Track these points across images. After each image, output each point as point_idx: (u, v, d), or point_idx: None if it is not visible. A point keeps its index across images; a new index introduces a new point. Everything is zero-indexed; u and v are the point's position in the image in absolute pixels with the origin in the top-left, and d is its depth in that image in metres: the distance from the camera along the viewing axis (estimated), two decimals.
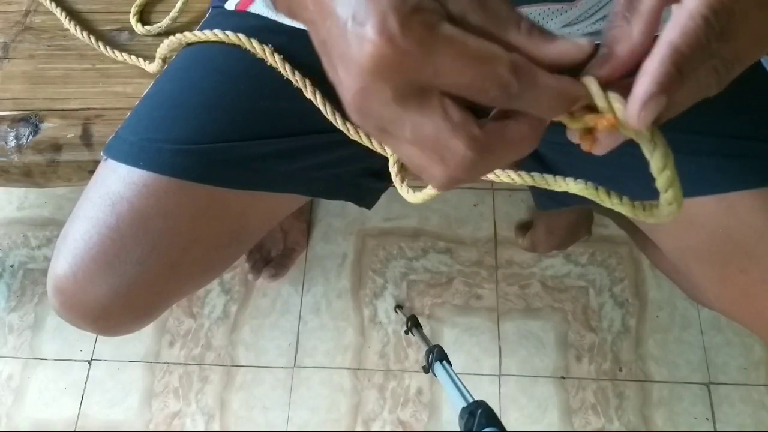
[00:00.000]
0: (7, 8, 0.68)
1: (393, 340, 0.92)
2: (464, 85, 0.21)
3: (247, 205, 0.46)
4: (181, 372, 0.91)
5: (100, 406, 0.90)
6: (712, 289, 0.44)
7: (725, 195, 0.40)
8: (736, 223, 0.40)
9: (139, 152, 0.44)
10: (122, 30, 0.65)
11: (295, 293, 0.96)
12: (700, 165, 0.41)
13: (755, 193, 0.40)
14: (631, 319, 0.91)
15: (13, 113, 0.60)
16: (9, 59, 0.64)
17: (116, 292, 0.43)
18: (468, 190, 1.02)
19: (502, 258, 0.96)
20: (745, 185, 0.40)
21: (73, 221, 0.44)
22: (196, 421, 0.88)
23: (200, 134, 0.44)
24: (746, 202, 0.40)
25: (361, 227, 1.00)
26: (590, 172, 0.48)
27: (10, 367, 0.92)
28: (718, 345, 0.89)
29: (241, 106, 0.45)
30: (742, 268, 0.41)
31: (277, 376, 0.90)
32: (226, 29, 0.47)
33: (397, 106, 0.21)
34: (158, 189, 0.43)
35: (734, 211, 0.40)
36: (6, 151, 0.58)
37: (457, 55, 0.20)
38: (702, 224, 0.42)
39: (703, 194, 0.41)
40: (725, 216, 0.41)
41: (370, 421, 0.87)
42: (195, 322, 0.95)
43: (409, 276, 0.96)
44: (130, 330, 0.49)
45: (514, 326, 0.92)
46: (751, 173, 0.40)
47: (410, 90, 0.21)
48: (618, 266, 0.95)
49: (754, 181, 0.40)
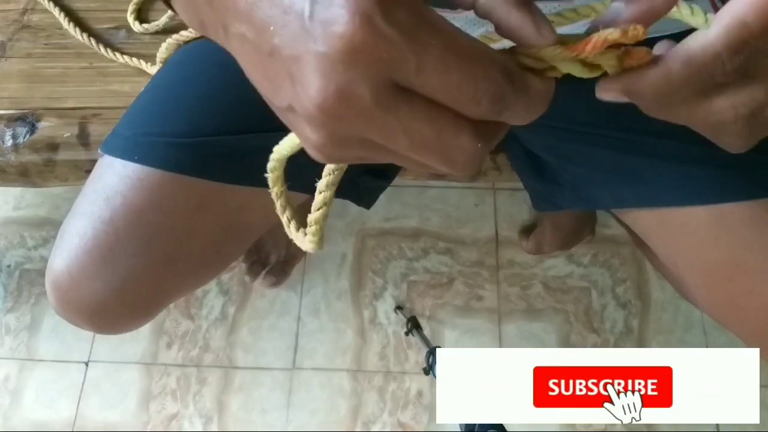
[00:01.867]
0: (4, 6, 0.67)
1: (393, 341, 0.91)
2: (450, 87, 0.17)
3: (244, 200, 0.46)
4: (178, 374, 0.91)
5: (97, 408, 0.89)
6: (701, 296, 0.45)
7: (715, 206, 0.41)
8: (726, 233, 0.41)
9: (133, 146, 0.44)
10: (119, 28, 0.65)
11: (294, 294, 0.95)
12: (691, 174, 0.42)
13: (745, 205, 0.40)
14: (633, 320, 0.91)
15: (10, 112, 0.59)
16: (6, 58, 0.63)
17: (111, 287, 0.43)
18: (469, 190, 1.01)
19: (504, 258, 0.96)
20: (734, 197, 0.41)
21: (70, 218, 0.44)
22: (194, 423, 0.88)
23: (194, 128, 0.44)
24: (736, 214, 0.40)
25: (361, 227, 0.99)
26: (584, 175, 0.48)
27: (7, 369, 0.92)
28: (721, 346, 0.89)
29: (237, 100, 0.44)
30: (729, 277, 0.41)
31: (276, 377, 0.90)
32: None
33: (380, 110, 0.17)
34: (152, 182, 0.43)
35: (724, 222, 0.41)
36: (2, 151, 0.57)
37: (446, 48, 0.17)
38: (691, 232, 0.42)
39: (693, 204, 0.41)
40: (715, 226, 0.41)
41: (369, 424, 0.86)
42: (193, 324, 0.94)
43: (409, 277, 0.95)
44: (128, 328, 0.48)
45: (516, 327, 0.91)
46: (741, 185, 0.41)
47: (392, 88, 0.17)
48: (621, 267, 0.94)
49: (744, 193, 0.41)
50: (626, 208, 0.47)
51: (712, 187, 0.41)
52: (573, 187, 0.49)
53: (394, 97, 0.17)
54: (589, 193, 0.48)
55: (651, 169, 0.43)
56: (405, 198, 1.01)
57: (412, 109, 0.18)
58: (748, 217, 0.40)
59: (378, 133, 0.18)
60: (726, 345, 0.89)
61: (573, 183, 0.49)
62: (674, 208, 0.42)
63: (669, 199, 0.43)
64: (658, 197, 0.43)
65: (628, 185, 0.45)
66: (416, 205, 1.00)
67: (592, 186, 0.48)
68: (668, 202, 0.43)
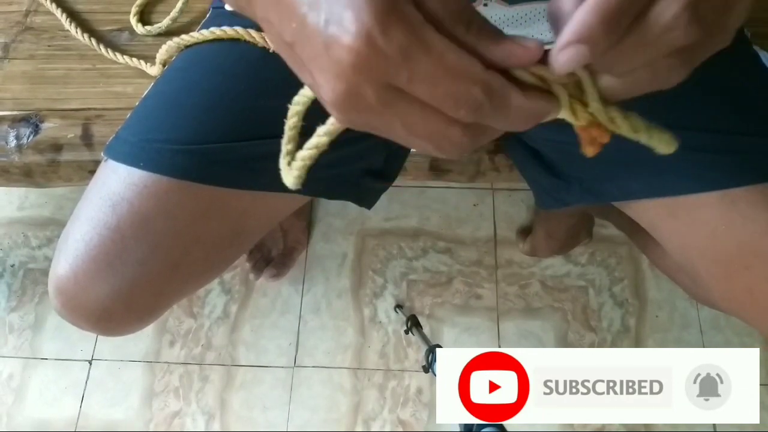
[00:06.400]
0: (7, 8, 0.68)
1: (393, 339, 0.92)
2: (436, 97, 0.21)
3: (247, 205, 0.46)
4: (181, 371, 0.91)
5: (100, 406, 0.90)
6: (717, 287, 0.44)
7: (727, 191, 0.40)
8: (739, 219, 0.40)
9: (139, 153, 0.44)
10: (122, 30, 0.65)
11: (295, 293, 0.96)
12: (700, 161, 0.41)
13: (757, 189, 0.39)
14: (630, 319, 0.91)
15: (14, 113, 0.60)
16: (9, 59, 0.64)
17: (117, 293, 0.43)
18: (468, 191, 1.02)
19: (502, 258, 0.96)
20: (746, 181, 0.40)
21: (74, 222, 0.44)
22: (197, 421, 0.88)
23: (200, 134, 0.44)
24: (748, 198, 0.40)
25: (361, 227, 1.00)
26: (588, 171, 0.48)
27: (11, 367, 0.92)
28: (718, 345, 0.89)
29: (241, 106, 0.45)
30: (746, 264, 0.40)
31: (278, 375, 0.90)
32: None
33: (382, 107, 0.21)
34: (158, 189, 0.43)
35: (736, 207, 0.40)
36: (6, 151, 0.58)
37: (434, 64, 0.20)
38: (704, 221, 0.41)
39: (704, 191, 0.41)
40: (728, 212, 0.40)
41: (370, 421, 0.87)
42: (195, 322, 0.95)
43: (409, 276, 0.96)
44: (132, 330, 0.49)
45: (514, 326, 0.92)
46: (751, 169, 0.40)
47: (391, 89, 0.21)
48: (618, 266, 0.95)
49: (755, 176, 0.40)
50: (635, 200, 0.45)
51: (722, 173, 0.40)
52: (580, 181, 0.49)
53: (393, 96, 0.21)
54: (597, 186, 0.48)
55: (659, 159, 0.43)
56: (405, 198, 1.01)
57: (408, 105, 0.21)
58: (762, 200, 0.39)
59: (381, 124, 0.22)
60: (722, 344, 0.89)
61: (580, 178, 0.49)
62: (684, 197, 0.41)
63: (679, 188, 0.41)
64: (668, 186, 0.42)
65: (636, 176, 0.44)
66: (416, 205, 1.01)
67: (600, 179, 0.47)
68: (679, 190, 0.41)
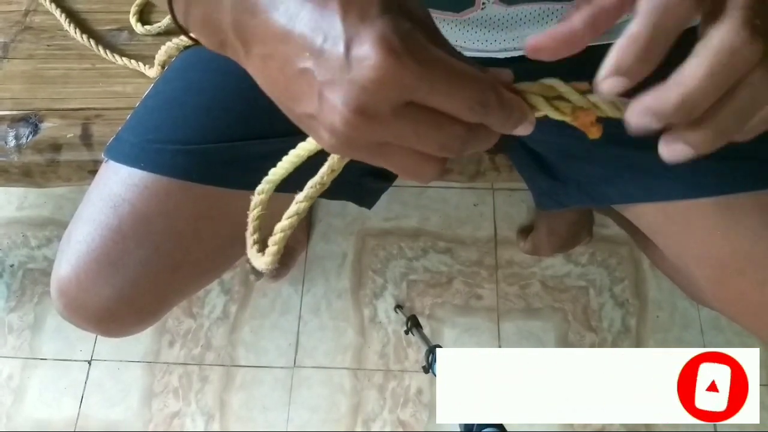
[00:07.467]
0: (6, 8, 0.68)
1: (393, 340, 0.92)
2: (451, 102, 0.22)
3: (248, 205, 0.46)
4: (180, 372, 0.91)
5: (99, 406, 0.89)
6: (711, 290, 0.44)
7: (722, 197, 0.40)
8: (733, 225, 0.40)
9: (139, 153, 0.44)
10: (122, 30, 0.65)
11: (295, 293, 0.96)
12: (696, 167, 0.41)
13: (751, 196, 0.40)
14: (631, 319, 0.91)
15: (13, 113, 0.60)
16: (8, 59, 0.64)
17: (119, 294, 0.43)
18: (468, 191, 1.02)
19: (503, 258, 0.96)
20: (741, 187, 0.40)
21: (76, 223, 0.44)
22: (196, 421, 0.88)
23: (201, 135, 0.44)
24: (744, 205, 0.40)
25: (361, 227, 1.00)
26: (587, 173, 0.48)
27: (10, 367, 0.92)
28: (718, 345, 0.89)
29: (242, 106, 0.45)
30: (739, 270, 0.41)
31: (277, 376, 0.90)
32: None
33: (396, 119, 0.22)
34: (159, 190, 0.43)
35: (732, 213, 0.40)
36: (6, 151, 0.58)
37: (449, 73, 0.22)
38: (700, 226, 0.42)
39: (700, 197, 0.41)
40: (722, 218, 0.40)
41: (370, 421, 0.87)
42: (195, 322, 0.94)
43: (409, 276, 0.96)
44: (135, 331, 0.49)
45: (514, 326, 0.92)
46: (746, 175, 0.40)
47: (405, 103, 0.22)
48: (618, 266, 0.95)
49: (750, 183, 0.40)
50: (632, 204, 0.46)
51: (717, 179, 0.40)
52: (578, 184, 0.49)
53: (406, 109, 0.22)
54: (595, 189, 0.48)
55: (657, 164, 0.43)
56: (405, 198, 1.01)
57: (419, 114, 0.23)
58: (756, 207, 0.40)
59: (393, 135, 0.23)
60: (723, 344, 0.89)
61: (578, 180, 0.49)
62: (681, 202, 0.42)
63: (676, 193, 0.42)
64: (666, 191, 0.43)
65: (634, 180, 0.44)
66: (416, 205, 1.01)
67: (598, 182, 0.47)
68: (676, 195, 0.42)
